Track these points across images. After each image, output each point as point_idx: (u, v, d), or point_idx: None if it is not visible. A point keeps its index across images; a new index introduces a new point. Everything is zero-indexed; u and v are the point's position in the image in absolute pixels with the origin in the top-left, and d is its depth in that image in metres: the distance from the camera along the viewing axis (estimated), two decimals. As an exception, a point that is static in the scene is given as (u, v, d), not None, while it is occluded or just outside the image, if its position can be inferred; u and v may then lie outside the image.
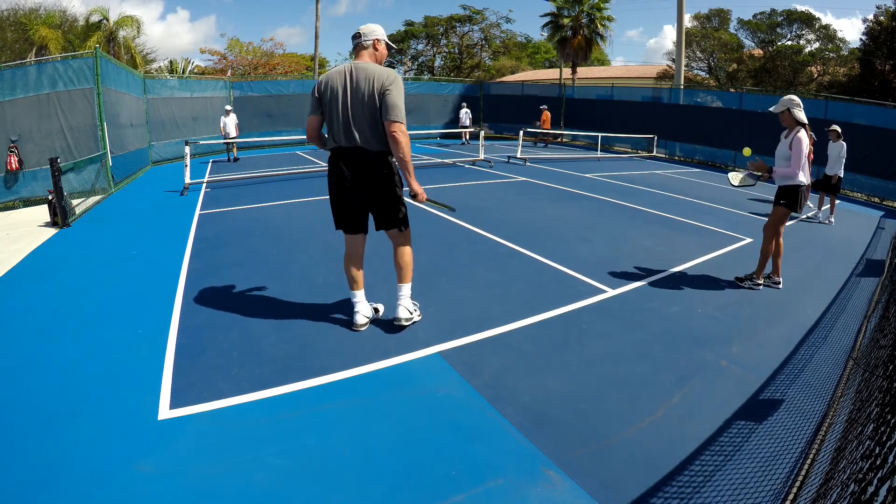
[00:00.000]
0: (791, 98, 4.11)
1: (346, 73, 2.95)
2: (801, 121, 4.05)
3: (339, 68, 3.00)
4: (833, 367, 3.08)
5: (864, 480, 1.31)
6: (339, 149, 3.02)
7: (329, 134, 3.05)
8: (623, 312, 3.73)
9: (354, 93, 2.91)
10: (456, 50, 34.27)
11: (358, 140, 2.95)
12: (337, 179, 3.06)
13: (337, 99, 2.94)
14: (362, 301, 3.28)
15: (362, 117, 2.92)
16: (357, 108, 2.92)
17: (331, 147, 3.06)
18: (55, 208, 6.00)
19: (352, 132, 2.95)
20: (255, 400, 2.49)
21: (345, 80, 2.93)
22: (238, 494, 1.90)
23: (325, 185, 3.23)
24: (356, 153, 2.99)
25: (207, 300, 3.73)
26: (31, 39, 19.15)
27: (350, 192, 3.05)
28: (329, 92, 2.96)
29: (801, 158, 3.99)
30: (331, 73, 3.01)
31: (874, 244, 6.66)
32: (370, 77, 2.90)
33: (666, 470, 2.08)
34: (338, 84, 2.94)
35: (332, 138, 3.03)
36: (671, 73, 24.90)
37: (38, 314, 3.53)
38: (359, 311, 3.26)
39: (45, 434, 2.21)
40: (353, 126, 2.94)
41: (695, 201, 8.71)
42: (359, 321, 3.25)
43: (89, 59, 8.43)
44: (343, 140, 2.99)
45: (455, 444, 2.22)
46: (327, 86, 2.97)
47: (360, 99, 2.90)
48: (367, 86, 2.89)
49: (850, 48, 24.71)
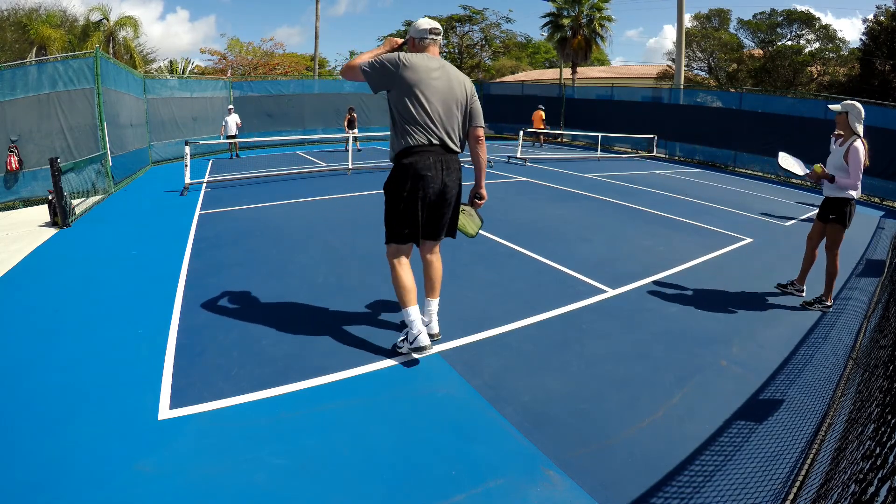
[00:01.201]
0: (854, 104, 3.84)
1: (442, 69, 2.79)
2: (857, 131, 3.81)
3: (428, 59, 2.77)
4: (833, 367, 3.08)
5: (864, 481, 1.31)
6: (426, 147, 2.75)
7: (410, 130, 2.74)
8: (623, 312, 3.73)
9: (449, 91, 2.78)
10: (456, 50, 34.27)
11: (447, 140, 2.80)
12: (419, 181, 2.74)
13: (430, 93, 2.72)
14: (420, 317, 2.94)
15: (454, 118, 2.82)
16: (451, 108, 2.79)
17: (413, 145, 2.74)
18: (55, 208, 6.00)
19: (444, 131, 2.79)
20: (255, 400, 2.49)
21: (444, 75, 2.77)
22: (238, 494, 1.90)
23: (326, 184, 3.21)
24: (445, 152, 2.81)
25: (207, 300, 3.73)
26: (31, 39, 19.15)
27: (434, 195, 2.80)
28: (421, 82, 2.70)
29: (860, 170, 3.74)
30: (418, 61, 2.72)
31: (874, 244, 6.66)
32: (460, 79, 2.84)
33: (666, 470, 2.08)
34: (434, 78, 2.73)
35: (417, 135, 2.74)
36: (671, 73, 24.90)
37: (39, 314, 3.52)
38: (423, 331, 2.87)
39: (46, 434, 2.21)
40: (447, 125, 2.80)
41: (695, 201, 8.70)
42: (427, 342, 2.87)
43: (89, 60, 8.43)
44: (434, 137, 2.76)
45: (455, 444, 2.22)
46: (417, 74, 2.70)
47: (454, 99, 2.80)
48: (459, 88, 2.82)
49: (850, 48, 24.70)
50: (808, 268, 4.26)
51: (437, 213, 2.89)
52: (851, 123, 3.83)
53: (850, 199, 3.90)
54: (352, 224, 6.14)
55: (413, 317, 2.86)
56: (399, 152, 2.79)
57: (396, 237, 2.87)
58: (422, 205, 2.79)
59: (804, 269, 4.29)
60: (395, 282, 2.90)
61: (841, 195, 3.91)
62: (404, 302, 2.87)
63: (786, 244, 6.13)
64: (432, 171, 2.76)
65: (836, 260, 4.01)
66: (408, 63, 2.70)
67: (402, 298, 2.88)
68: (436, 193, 2.80)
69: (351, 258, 4.79)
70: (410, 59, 2.72)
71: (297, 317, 3.47)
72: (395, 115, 2.79)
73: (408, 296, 2.86)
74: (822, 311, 4.01)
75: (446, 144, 2.81)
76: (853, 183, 3.79)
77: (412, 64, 2.70)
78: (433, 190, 2.78)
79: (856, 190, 3.86)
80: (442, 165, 2.79)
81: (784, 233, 6.88)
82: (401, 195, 2.77)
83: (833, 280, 4.04)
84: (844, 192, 3.88)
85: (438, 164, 2.78)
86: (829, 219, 3.99)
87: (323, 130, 17.50)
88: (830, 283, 4.04)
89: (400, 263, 2.90)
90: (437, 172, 2.77)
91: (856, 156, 3.74)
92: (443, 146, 2.80)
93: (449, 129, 2.81)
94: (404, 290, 2.87)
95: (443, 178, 2.80)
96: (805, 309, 4.03)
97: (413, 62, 2.71)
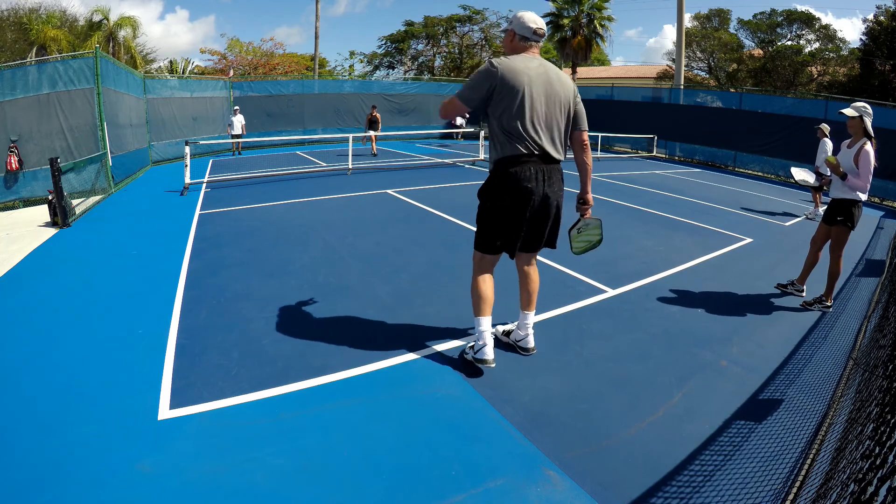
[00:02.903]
0: (865, 106, 3.89)
1: (545, 72, 2.60)
2: (870, 132, 3.83)
3: (528, 63, 2.58)
4: (833, 367, 3.08)
5: (863, 480, 1.31)
6: (530, 156, 2.59)
7: (512, 139, 2.58)
8: (623, 312, 3.73)
9: (553, 96, 2.59)
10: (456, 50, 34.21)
11: (550, 148, 2.62)
12: (518, 194, 2.59)
13: (533, 99, 2.54)
14: (491, 329, 2.81)
15: (558, 124, 2.64)
16: (554, 113, 2.61)
17: (514, 155, 2.59)
18: (55, 208, 6.00)
19: (548, 138, 2.62)
20: (255, 400, 2.49)
21: (543, 80, 2.57)
22: (238, 494, 1.90)
23: (325, 184, 3.21)
24: (546, 162, 2.63)
25: (207, 300, 3.73)
26: (31, 39, 19.15)
27: (534, 208, 2.63)
28: (521, 88, 2.51)
29: (870, 172, 3.75)
30: (516, 65, 2.54)
31: (874, 244, 6.67)
32: (563, 81, 2.65)
33: (666, 470, 2.08)
34: (536, 82, 2.55)
35: (519, 145, 2.57)
36: (671, 73, 24.91)
37: (38, 314, 3.52)
38: (490, 344, 2.76)
39: (46, 434, 2.21)
40: (550, 133, 2.62)
41: (695, 201, 8.71)
42: (491, 357, 2.74)
43: (89, 60, 8.43)
44: (535, 147, 2.58)
45: (455, 445, 2.22)
46: (517, 78, 2.51)
47: (556, 103, 2.61)
48: (562, 90, 2.62)
49: (850, 48, 24.71)
50: (810, 269, 4.26)
51: (536, 227, 2.71)
52: (866, 125, 3.84)
53: (858, 200, 3.89)
54: (352, 224, 6.14)
55: (483, 328, 2.74)
56: (497, 161, 2.65)
57: (487, 247, 2.74)
58: (519, 219, 2.63)
59: (805, 271, 4.28)
60: (474, 290, 2.78)
61: (849, 196, 3.90)
62: (478, 311, 2.76)
63: (786, 244, 6.13)
64: (533, 182, 2.59)
65: (839, 261, 4.01)
66: (505, 68, 2.52)
67: (476, 307, 2.77)
68: (536, 206, 2.63)
69: (351, 258, 4.79)
70: (508, 64, 2.54)
71: (297, 317, 3.47)
72: (492, 123, 2.63)
73: (483, 305, 2.75)
74: (821, 311, 4.01)
75: (548, 154, 2.62)
76: (863, 185, 3.79)
77: (509, 68, 2.52)
78: (534, 203, 2.61)
79: (864, 192, 3.86)
80: (543, 176, 2.61)
81: (784, 233, 6.88)
82: (497, 206, 2.65)
83: (835, 280, 4.03)
84: (853, 194, 3.88)
85: (540, 174, 2.60)
86: (837, 220, 3.98)
87: (323, 130, 17.51)
88: (832, 283, 4.03)
89: (482, 272, 2.78)
90: (539, 185, 2.60)
91: (867, 158, 3.75)
92: (544, 156, 2.62)
93: (552, 137, 2.63)
94: (481, 300, 2.75)
95: (544, 189, 2.62)
96: (805, 309, 4.03)
97: (511, 67, 2.52)
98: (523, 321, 2.98)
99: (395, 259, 4.78)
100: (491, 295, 2.78)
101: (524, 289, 2.92)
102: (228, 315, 3.47)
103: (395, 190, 8.36)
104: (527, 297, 2.93)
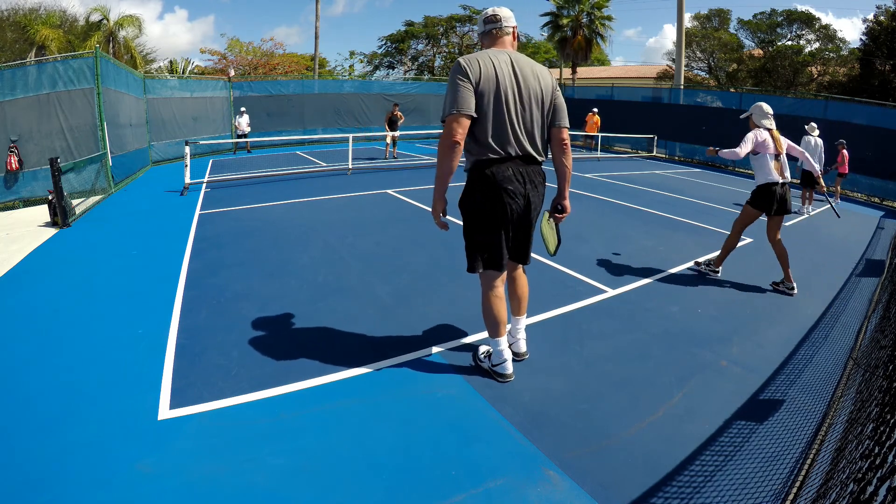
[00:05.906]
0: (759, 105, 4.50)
1: (512, 65, 2.39)
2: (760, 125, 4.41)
3: (493, 57, 2.38)
4: (833, 367, 3.08)
5: (863, 480, 1.31)
6: (507, 159, 2.42)
7: (487, 140, 2.39)
8: (623, 312, 3.73)
9: (525, 90, 2.40)
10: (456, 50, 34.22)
11: (529, 148, 2.45)
12: (504, 198, 2.42)
13: (506, 95, 2.36)
14: (507, 345, 2.77)
15: (533, 121, 2.45)
16: (529, 110, 2.43)
17: (491, 157, 2.41)
18: (55, 208, 6.00)
19: (526, 137, 2.45)
20: (255, 400, 2.49)
21: (512, 73, 2.38)
22: (238, 494, 1.90)
23: (325, 184, 3.19)
24: (528, 163, 2.47)
25: (207, 300, 3.73)
26: (31, 39, 19.15)
27: (520, 211, 2.48)
28: (491, 85, 2.34)
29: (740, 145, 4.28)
30: (484, 60, 2.35)
31: (874, 244, 6.67)
32: (537, 73, 2.45)
33: (666, 470, 2.08)
34: (504, 77, 2.35)
35: (496, 145, 2.39)
36: (671, 73, 24.91)
37: (39, 314, 3.52)
38: (509, 360, 2.73)
39: (46, 434, 2.21)
40: (527, 130, 2.45)
41: (695, 201, 8.71)
42: (510, 371, 2.72)
43: (89, 59, 8.43)
44: (514, 148, 2.41)
45: (455, 444, 2.22)
46: (486, 77, 2.33)
47: (531, 98, 2.42)
48: (536, 83, 2.43)
49: (850, 48, 24.73)
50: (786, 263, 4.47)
51: (520, 234, 2.58)
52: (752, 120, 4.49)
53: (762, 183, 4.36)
54: (352, 224, 6.14)
55: (502, 346, 2.68)
56: (473, 164, 2.48)
57: (492, 263, 2.55)
58: (504, 223, 2.47)
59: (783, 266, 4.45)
60: (488, 312, 2.62)
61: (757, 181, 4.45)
62: (494, 333, 2.66)
63: (785, 244, 6.11)
64: (513, 184, 2.42)
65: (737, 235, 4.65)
66: (471, 65, 2.32)
67: (492, 330, 2.66)
68: (519, 211, 2.47)
69: (351, 258, 4.79)
70: (473, 60, 2.35)
71: (297, 317, 3.47)
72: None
73: (500, 328, 2.64)
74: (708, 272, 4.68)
75: (528, 154, 2.46)
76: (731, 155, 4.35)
77: (475, 65, 2.33)
78: (516, 206, 2.45)
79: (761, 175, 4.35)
80: (524, 178, 2.45)
81: (783, 232, 6.86)
82: (481, 211, 2.47)
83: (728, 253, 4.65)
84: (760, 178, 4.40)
85: (519, 175, 2.44)
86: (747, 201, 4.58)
87: (323, 130, 17.51)
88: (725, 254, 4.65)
89: (494, 291, 2.60)
90: (519, 185, 2.44)
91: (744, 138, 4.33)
92: (526, 156, 2.46)
93: (533, 135, 2.47)
94: (498, 323, 2.63)
95: (526, 192, 2.47)
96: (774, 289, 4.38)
97: (482, 65, 2.34)
98: (515, 326, 2.92)
99: (395, 259, 4.78)
100: (505, 316, 2.65)
101: (513, 294, 2.84)
102: (228, 315, 3.47)
103: (395, 190, 8.37)
104: (517, 302, 2.85)
